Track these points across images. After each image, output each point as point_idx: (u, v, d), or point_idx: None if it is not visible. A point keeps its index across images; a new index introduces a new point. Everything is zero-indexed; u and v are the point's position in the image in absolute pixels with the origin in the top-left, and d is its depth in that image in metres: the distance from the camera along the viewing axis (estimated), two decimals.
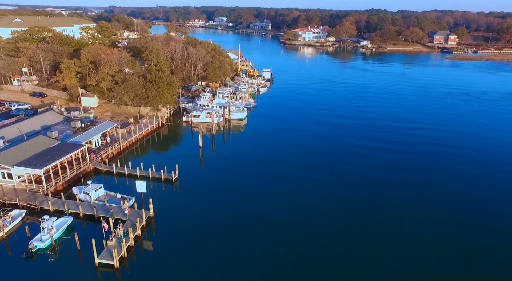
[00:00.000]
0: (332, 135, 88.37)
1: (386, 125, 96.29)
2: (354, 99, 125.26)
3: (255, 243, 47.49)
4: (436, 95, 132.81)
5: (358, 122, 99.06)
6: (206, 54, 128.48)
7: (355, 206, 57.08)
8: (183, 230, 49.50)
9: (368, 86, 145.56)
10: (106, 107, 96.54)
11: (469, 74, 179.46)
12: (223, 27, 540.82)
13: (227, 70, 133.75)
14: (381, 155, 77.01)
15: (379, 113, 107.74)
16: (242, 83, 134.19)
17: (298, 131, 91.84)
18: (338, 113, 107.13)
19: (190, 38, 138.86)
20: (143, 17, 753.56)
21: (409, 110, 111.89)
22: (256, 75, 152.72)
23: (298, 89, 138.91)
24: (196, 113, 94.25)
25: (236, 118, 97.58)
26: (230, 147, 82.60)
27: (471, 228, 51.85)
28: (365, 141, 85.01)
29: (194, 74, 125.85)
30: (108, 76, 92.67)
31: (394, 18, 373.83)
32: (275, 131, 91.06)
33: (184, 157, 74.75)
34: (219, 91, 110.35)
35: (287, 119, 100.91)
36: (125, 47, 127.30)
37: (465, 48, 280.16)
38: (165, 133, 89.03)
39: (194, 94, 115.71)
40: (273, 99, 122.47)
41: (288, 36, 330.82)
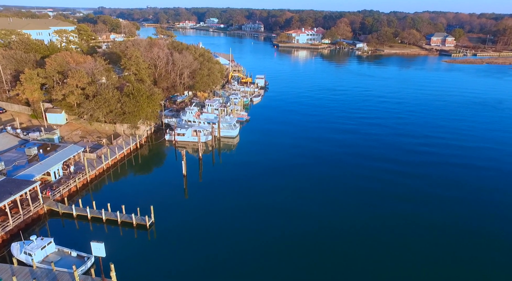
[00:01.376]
0: (333, 154, 76.60)
1: (392, 141, 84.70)
2: (354, 109, 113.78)
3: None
4: (446, 104, 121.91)
5: (360, 137, 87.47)
6: (193, 61, 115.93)
7: (362, 242, 45.26)
8: None
9: (368, 94, 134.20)
10: (76, 125, 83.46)
11: (476, 80, 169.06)
12: (214, 28, 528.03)
13: (216, 78, 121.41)
14: (390, 178, 65.63)
15: (383, 125, 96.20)
16: (233, 92, 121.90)
17: (296, 148, 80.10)
18: (338, 126, 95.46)
19: (176, 42, 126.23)
20: (133, 19, 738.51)
21: (417, 122, 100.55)
22: (249, 82, 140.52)
23: (294, 98, 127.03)
24: (180, 131, 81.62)
25: (227, 136, 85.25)
26: (220, 171, 70.27)
27: None
28: (371, 161, 73.47)
29: (180, 83, 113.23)
30: (78, 89, 79.68)
31: (390, 19, 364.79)
32: (271, 150, 79.07)
33: (165, 186, 62.48)
34: (208, 103, 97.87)
35: (283, 134, 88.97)
36: (103, 54, 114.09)
37: (464, 51, 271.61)
38: (144, 157, 76.23)
39: (180, 106, 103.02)
40: (268, 111, 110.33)
41: (281, 38, 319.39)
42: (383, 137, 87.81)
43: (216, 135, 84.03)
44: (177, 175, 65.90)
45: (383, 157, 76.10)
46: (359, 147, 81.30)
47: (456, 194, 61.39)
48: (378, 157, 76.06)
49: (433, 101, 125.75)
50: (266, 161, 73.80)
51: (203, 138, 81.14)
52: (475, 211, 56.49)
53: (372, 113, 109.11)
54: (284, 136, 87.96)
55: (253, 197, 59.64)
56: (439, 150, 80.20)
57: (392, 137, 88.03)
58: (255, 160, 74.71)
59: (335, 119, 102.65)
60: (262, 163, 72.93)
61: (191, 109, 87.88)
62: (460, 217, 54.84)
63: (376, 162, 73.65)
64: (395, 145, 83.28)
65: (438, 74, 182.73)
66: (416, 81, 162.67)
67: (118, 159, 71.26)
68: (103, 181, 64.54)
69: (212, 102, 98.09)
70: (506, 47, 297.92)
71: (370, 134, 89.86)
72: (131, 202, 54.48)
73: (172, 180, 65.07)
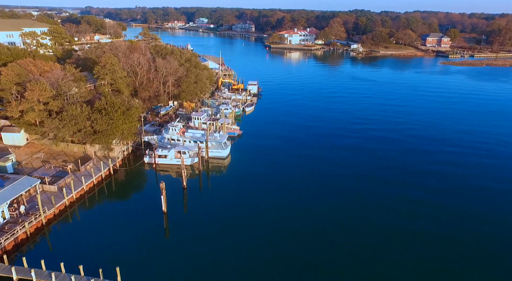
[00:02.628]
0: (336, 177, 65.94)
1: (399, 159, 74.12)
2: (354, 118, 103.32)
3: None
4: (455, 112, 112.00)
5: (364, 154, 76.91)
6: (179, 67, 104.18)
7: None
8: None
9: (369, 101, 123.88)
10: (38, 146, 71.28)
11: (482, 84, 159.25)
12: (204, 29, 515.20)
13: (205, 85, 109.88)
14: (401, 208, 55.01)
15: (387, 139, 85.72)
16: (224, 101, 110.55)
17: (295, 169, 69.67)
18: (338, 141, 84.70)
19: (159, 46, 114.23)
20: (120, 19, 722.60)
21: (428, 135, 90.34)
22: (240, 89, 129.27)
23: (289, 106, 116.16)
24: (162, 153, 70.02)
25: (216, 157, 73.94)
26: (208, 200, 59.00)
27: None
28: (377, 184, 63.06)
29: (164, 93, 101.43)
30: (39, 104, 67.58)
31: (384, 19, 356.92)
32: (266, 172, 68.26)
33: (142, 225, 51.23)
34: (194, 117, 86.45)
35: (280, 151, 78.11)
36: (77, 59, 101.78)
37: (461, 52, 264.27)
38: (118, 185, 64.40)
39: (163, 119, 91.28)
40: (262, 123, 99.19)
41: (273, 39, 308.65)
42: (388, 154, 77.48)
43: (204, 156, 72.71)
44: (156, 209, 54.49)
45: (389, 179, 65.78)
46: (364, 168, 70.57)
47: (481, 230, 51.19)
48: (384, 179, 65.74)
49: (440, 109, 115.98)
50: (261, 186, 63.11)
51: (188, 160, 69.75)
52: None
53: (374, 124, 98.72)
54: (281, 154, 77.06)
55: (246, 235, 48.80)
56: (453, 169, 70.09)
57: (399, 154, 77.56)
58: (248, 185, 63.84)
59: (335, 131, 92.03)
60: (257, 189, 62.20)
61: (175, 125, 76.18)
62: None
63: (383, 185, 63.26)
64: (403, 164, 72.76)
65: (440, 78, 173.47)
66: (418, 85, 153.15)
67: (86, 190, 59.39)
68: (63, 221, 52.69)
69: (199, 115, 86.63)
70: (502, 48, 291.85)
71: (373, 150, 79.36)
72: (95, 254, 43.03)
73: (150, 217, 53.60)
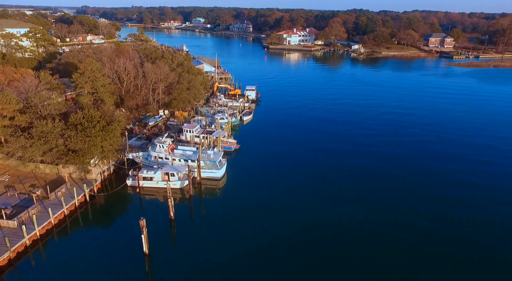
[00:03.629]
0: (345, 203, 56.80)
1: (418, 181, 65.34)
2: (363, 128, 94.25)
3: None
4: (477, 120, 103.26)
5: (378, 173, 67.95)
6: (170, 72, 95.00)
7: None
8: None
9: (377, 109, 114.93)
10: (3, 167, 61.88)
11: (496, 88, 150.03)
12: (201, 29, 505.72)
13: (199, 92, 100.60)
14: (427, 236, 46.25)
15: (404, 156, 77.00)
16: (219, 109, 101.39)
17: (298, 190, 60.53)
18: (348, 159, 75.16)
19: (149, 49, 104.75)
20: (116, 18, 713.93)
21: (447, 152, 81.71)
22: (237, 95, 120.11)
23: (290, 113, 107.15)
24: (147, 175, 60.77)
25: (210, 178, 64.79)
26: (200, 233, 49.80)
27: None
28: (395, 213, 53.98)
29: (153, 101, 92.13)
30: (3, 119, 58.27)
31: (385, 19, 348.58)
32: (266, 196, 59.35)
33: (119, 269, 42.37)
34: (186, 129, 77.27)
35: (281, 169, 69.06)
36: (57, 64, 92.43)
37: (466, 53, 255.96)
38: (95, 215, 54.99)
39: (152, 131, 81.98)
40: (261, 134, 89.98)
41: (272, 39, 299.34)
42: (404, 176, 68.50)
43: (196, 176, 63.53)
44: (138, 247, 45.32)
45: (408, 207, 56.76)
46: (378, 192, 61.74)
47: None
48: (402, 206, 56.74)
49: (455, 116, 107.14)
50: (260, 213, 54.13)
51: (177, 183, 60.59)
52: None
53: (385, 135, 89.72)
54: (282, 172, 68.00)
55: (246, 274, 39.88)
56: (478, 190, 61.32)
57: (418, 176, 68.75)
58: (247, 212, 54.89)
59: (340, 145, 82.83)
60: (257, 217, 53.20)
61: (162, 142, 66.80)
62: None
63: (401, 214, 54.33)
64: (422, 185, 64.03)
65: (449, 81, 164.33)
66: (425, 90, 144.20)
67: (54, 224, 50.09)
68: (23, 266, 43.46)
69: (191, 127, 77.38)
70: (507, 48, 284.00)
71: (383, 169, 70.44)
72: None
73: (130, 259, 44.49)
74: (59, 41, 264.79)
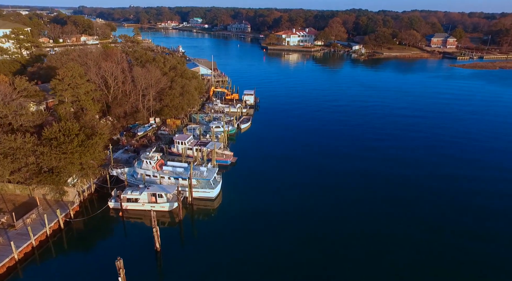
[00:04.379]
0: (356, 224, 49.91)
1: (432, 201, 58.57)
2: (370, 134, 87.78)
3: None
4: (494, 126, 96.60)
5: (387, 183, 61.11)
6: (161, 77, 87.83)
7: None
8: None
9: (383, 114, 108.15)
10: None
11: (510, 91, 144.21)
12: (198, 29, 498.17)
13: (193, 97, 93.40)
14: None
15: (415, 165, 70.10)
16: (215, 115, 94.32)
17: (301, 212, 53.51)
18: (356, 176, 68.47)
19: (139, 52, 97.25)
20: (113, 18, 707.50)
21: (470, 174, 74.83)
22: (235, 99, 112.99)
23: (292, 121, 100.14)
24: (131, 195, 53.65)
25: (203, 198, 57.70)
26: (191, 261, 42.87)
27: None
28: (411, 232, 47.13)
29: (143, 108, 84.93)
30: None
31: (385, 19, 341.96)
32: (265, 218, 52.47)
33: None
34: (178, 141, 70.18)
35: (282, 186, 62.20)
36: (38, 68, 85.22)
37: (470, 54, 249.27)
38: (69, 245, 47.85)
39: (141, 142, 74.78)
40: (260, 144, 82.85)
41: (270, 40, 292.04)
42: (414, 180, 61.69)
43: (187, 196, 56.46)
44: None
45: (419, 218, 49.88)
46: (390, 206, 54.82)
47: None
48: (412, 216, 49.85)
49: (469, 121, 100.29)
50: (262, 239, 47.20)
51: (165, 205, 53.52)
52: None
53: (394, 139, 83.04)
54: (283, 190, 61.12)
55: None
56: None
57: (426, 180, 61.91)
58: (245, 238, 47.94)
59: (346, 152, 76.29)
60: (257, 243, 46.36)
61: (150, 157, 59.61)
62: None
63: (417, 230, 47.40)
64: (437, 205, 57.21)
65: (457, 84, 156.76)
66: (434, 93, 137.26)
67: (18, 259, 42.95)
68: None
69: (183, 138, 70.27)
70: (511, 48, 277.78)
71: (393, 177, 63.61)
72: None
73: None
74: (51, 42, 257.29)
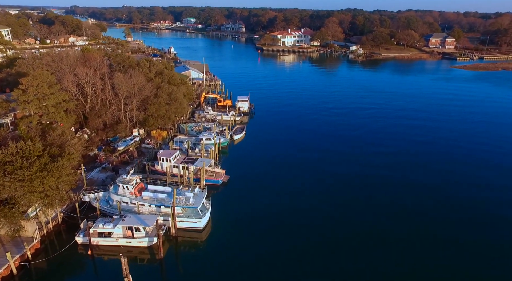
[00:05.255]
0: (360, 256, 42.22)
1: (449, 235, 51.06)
2: (377, 144, 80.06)
3: None
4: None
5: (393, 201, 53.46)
6: (146, 83, 79.52)
7: None
8: None
9: (388, 122, 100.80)
10: None
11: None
12: (191, 29, 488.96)
13: (181, 106, 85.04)
14: None
15: (427, 186, 62.60)
16: (206, 125, 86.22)
17: (302, 242, 45.45)
18: (364, 191, 61.09)
19: (122, 56, 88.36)
20: (105, 18, 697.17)
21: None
22: (228, 106, 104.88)
23: (289, 128, 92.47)
24: (103, 229, 45.35)
25: (189, 228, 49.58)
26: None
27: None
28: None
29: (125, 118, 76.52)
30: None
31: (382, 19, 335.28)
32: (261, 250, 44.56)
33: None
34: (162, 157, 61.98)
35: (279, 207, 54.37)
36: (7, 74, 76.50)
37: (470, 54, 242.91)
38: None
39: (121, 159, 66.42)
40: (255, 158, 74.45)
41: (265, 40, 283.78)
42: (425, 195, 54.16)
43: (171, 227, 48.33)
44: None
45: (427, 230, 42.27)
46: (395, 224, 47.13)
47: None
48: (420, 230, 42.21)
49: (480, 129, 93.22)
50: (258, 276, 39.36)
51: (144, 240, 45.33)
52: None
53: (399, 153, 75.49)
54: (284, 213, 53.27)
55: None
56: None
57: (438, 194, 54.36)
58: (238, 277, 40.09)
59: (350, 167, 68.59)
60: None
61: (127, 180, 51.24)
62: None
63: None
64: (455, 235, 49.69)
65: (461, 86, 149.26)
66: (438, 97, 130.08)
67: None
68: None
69: (167, 155, 62.04)
70: (511, 48, 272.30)
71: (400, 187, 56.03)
72: None
73: None
74: (38, 43, 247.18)
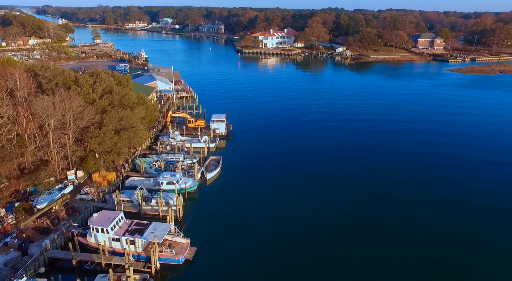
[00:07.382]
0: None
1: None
2: (382, 184, 62.22)
3: None
4: None
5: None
6: (86, 108, 58.99)
7: None
8: None
9: (393, 149, 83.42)
10: None
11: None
12: (168, 30, 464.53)
13: (136, 134, 64.59)
14: None
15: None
16: (170, 158, 66.40)
17: None
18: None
19: (52, 71, 66.08)
20: (77, 19, 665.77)
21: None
22: (200, 127, 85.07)
23: (277, 151, 73.82)
24: None
25: None
26: None
27: None
28: None
29: (55, 157, 55.78)
30: None
31: (367, 18, 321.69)
32: None
33: None
34: (95, 227, 41.92)
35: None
36: None
37: (461, 56, 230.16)
38: None
39: (39, 224, 45.79)
40: (233, 208, 55.15)
41: (246, 42, 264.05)
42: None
43: None
44: None
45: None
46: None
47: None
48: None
49: (494, 145, 76.96)
50: None
51: None
52: None
53: (405, 189, 57.88)
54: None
55: None
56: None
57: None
58: None
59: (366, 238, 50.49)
60: None
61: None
62: None
63: None
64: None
65: (463, 94, 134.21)
66: (439, 106, 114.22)
67: None
68: None
69: (104, 223, 41.97)
70: (500, 49, 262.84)
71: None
72: None
73: None
74: (4, 45, 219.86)
